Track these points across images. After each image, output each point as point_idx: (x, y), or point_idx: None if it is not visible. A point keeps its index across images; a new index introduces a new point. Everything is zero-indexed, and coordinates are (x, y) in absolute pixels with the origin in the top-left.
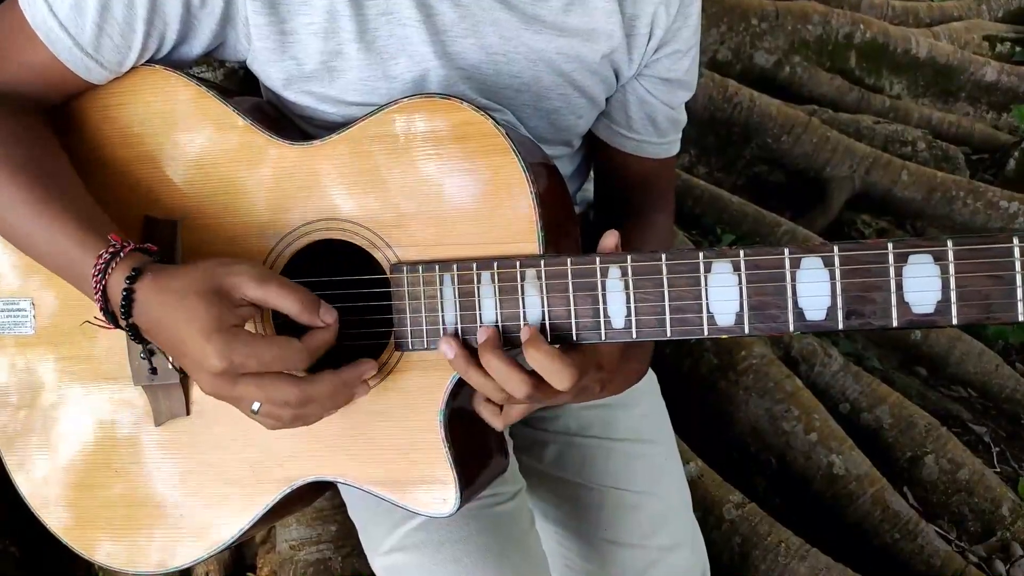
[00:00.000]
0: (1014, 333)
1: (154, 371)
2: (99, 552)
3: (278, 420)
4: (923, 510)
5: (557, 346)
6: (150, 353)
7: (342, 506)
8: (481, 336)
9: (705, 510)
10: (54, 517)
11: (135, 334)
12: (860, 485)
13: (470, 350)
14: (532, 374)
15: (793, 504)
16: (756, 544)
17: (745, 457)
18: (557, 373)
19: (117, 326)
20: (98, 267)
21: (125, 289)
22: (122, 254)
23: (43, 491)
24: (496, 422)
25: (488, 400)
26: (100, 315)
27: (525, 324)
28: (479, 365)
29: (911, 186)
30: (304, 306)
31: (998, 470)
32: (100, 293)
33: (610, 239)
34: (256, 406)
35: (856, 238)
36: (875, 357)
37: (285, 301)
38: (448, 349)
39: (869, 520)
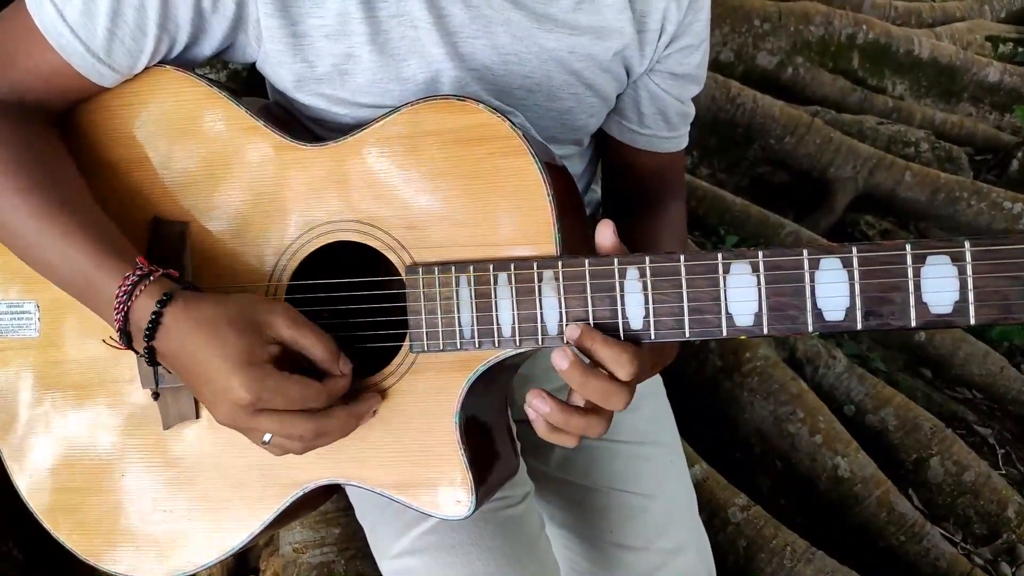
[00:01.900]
0: (1019, 335)
1: (156, 396)
2: (104, 557)
3: (288, 450)
4: (928, 512)
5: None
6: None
7: (346, 509)
8: (574, 332)
9: (710, 512)
10: (57, 522)
11: (150, 357)
12: (865, 487)
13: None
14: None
15: (798, 506)
16: (762, 547)
17: (750, 459)
18: (615, 359)
19: (130, 347)
20: (123, 288)
21: (155, 313)
22: (151, 278)
23: (46, 495)
24: (570, 441)
25: (555, 428)
26: (115, 336)
27: (570, 323)
28: (593, 371)
29: (915, 187)
30: (328, 353)
31: (1004, 472)
32: (122, 315)
33: (606, 231)
34: (267, 437)
35: (860, 239)
36: (880, 359)
37: (314, 346)
38: (562, 359)
39: (874, 522)
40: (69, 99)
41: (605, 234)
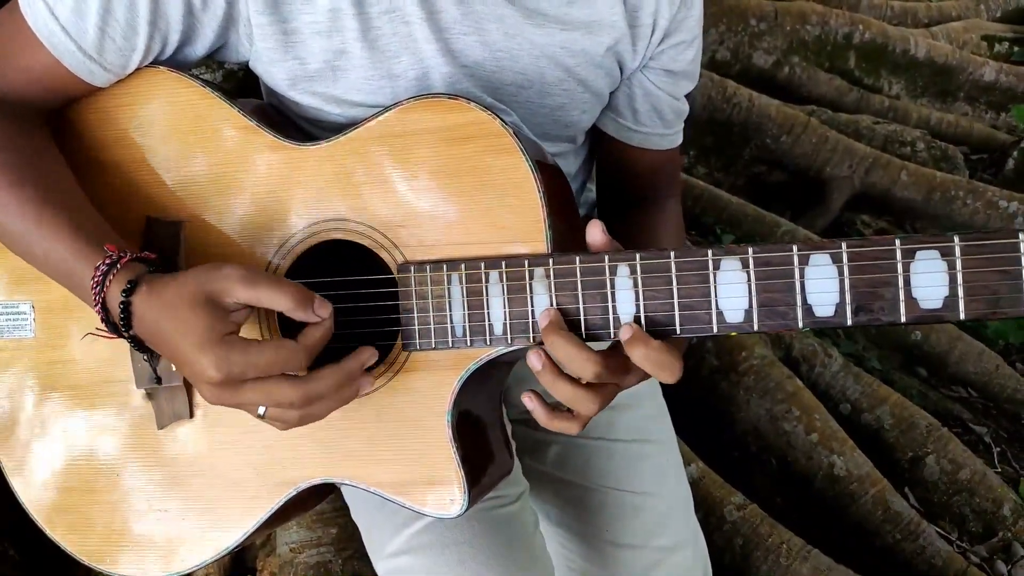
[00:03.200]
0: (1014, 333)
1: (158, 380)
2: (100, 557)
3: (286, 421)
4: (924, 511)
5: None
6: (153, 358)
7: (343, 508)
8: (627, 332)
9: (706, 511)
10: (53, 522)
11: (138, 345)
12: (861, 486)
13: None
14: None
15: (794, 505)
16: (758, 545)
17: (746, 458)
18: (668, 366)
19: (120, 336)
20: (95, 279)
21: (122, 302)
22: (119, 265)
23: (42, 496)
24: (573, 427)
25: (555, 411)
26: (102, 326)
27: (625, 323)
28: (562, 375)
29: (910, 186)
30: (297, 302)
31: (999, 470)
32: (100, 305)
33: (595, 230)
34: (262, 410)
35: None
36: (875, 358)
37: (277, 298)
38: (536, 361)
39: (870, 521)
40: (61, 98)
41: (595, 233)
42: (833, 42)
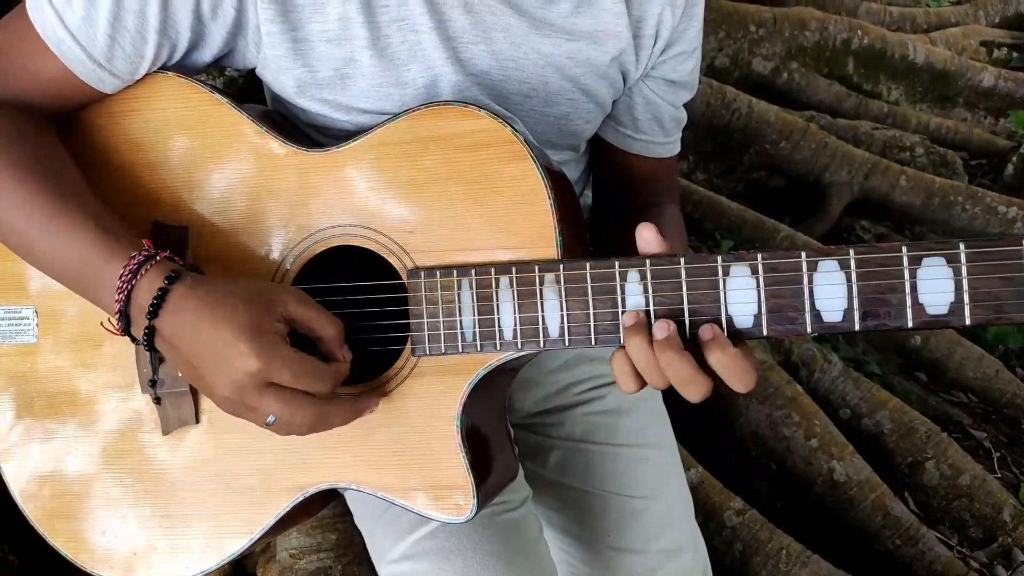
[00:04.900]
0: (1014, 338)
1: (153, 383)
2: (101, 564)
3: (288, 433)
4: (924, 516)
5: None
6: (158, 360)
7: (343, 514)
8: (708, 333)
9: (706, 516)
10: (55, 530)
11: (149, 339)
12: (861, 491)
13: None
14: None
15: (794, 510)
16: (757, 550)
17: (745, 463)
18: (745, 374)
19: (127, 334)
20: (128, 268)
21: (160, 289)
22: (157, 258)
23: (43, 502)
24: (630, 385)
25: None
26: (114, 319)
27: (708, 324)
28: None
29: (910, 191)
30: (338, 334)
31: (999, 475)
32: (124, 294)
33: (650, 232)
34: (271, 419)
35: (855, 244)
36: (875, 362)
37: (324, 326)
38: (662, 329)
39: (870, 526)
40: (69, 104)
41: (647, 235)
42: (832, 48)
